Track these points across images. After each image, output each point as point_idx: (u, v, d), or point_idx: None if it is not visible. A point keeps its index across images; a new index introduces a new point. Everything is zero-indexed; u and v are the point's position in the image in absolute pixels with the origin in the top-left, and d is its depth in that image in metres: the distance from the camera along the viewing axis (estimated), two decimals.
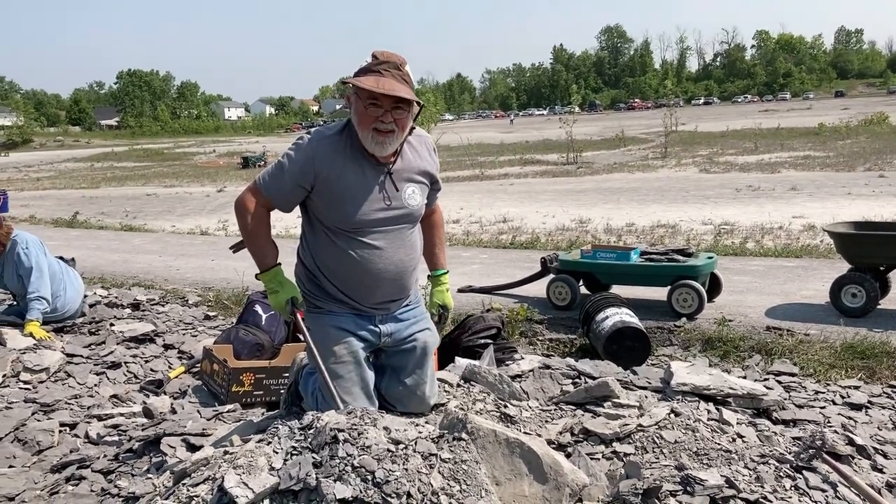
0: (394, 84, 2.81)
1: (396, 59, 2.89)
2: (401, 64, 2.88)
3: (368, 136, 2.89)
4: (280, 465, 2.40)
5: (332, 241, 3.04)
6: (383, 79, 2.82)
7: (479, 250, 10.73)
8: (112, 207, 20.09)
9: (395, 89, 2.80)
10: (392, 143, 2.94)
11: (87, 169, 43.44)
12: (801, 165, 20.97)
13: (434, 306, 3.44)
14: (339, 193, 2.96)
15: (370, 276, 3.05)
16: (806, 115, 51.64)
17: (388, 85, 2.80)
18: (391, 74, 2.84)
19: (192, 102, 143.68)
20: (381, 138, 2.89)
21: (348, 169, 2.96)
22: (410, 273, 3.20)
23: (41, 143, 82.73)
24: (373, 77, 2.82)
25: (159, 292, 8.22)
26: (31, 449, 4.11)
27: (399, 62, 2.88)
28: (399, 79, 2.85)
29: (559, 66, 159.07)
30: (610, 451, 3.07)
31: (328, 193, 2.98)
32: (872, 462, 3.12)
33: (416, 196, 3.11)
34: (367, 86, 2.79)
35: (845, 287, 6.18)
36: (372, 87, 2.78)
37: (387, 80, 2.82)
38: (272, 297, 3.07)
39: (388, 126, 2.87)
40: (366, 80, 2.82)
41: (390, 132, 2.89)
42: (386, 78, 2.82)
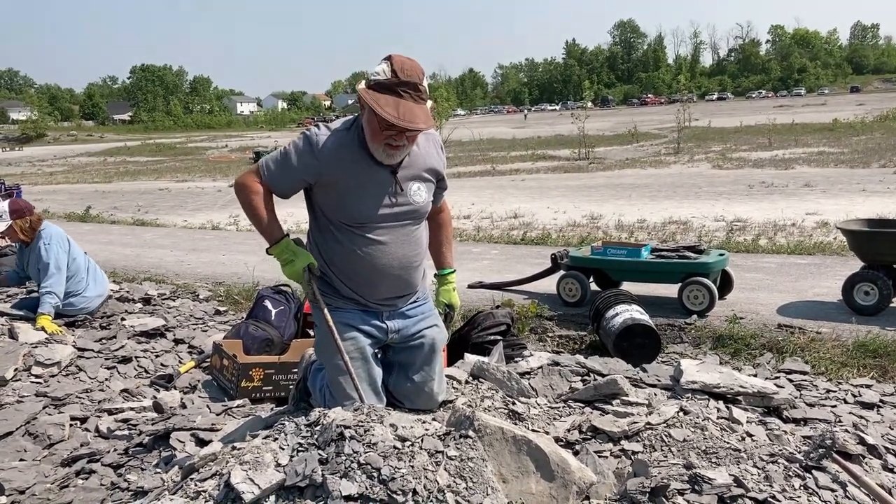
0: (414, 112, 2.74)
1: (416, 78, 2.78)
2: (420, 82, 2.79)
3: (379, 149, 2.87)
4: (286, 462, 2.40)
5: (337, 237, 3.03)
6: (403, 104, 2.73)
7: (489, 246, 10.72)
8: (124, 202, 20.20)
9: (414, 120, 2.73)
10: (402, 154, 2.93)
11: (99, 163, 43.72)
12: (815, 162, 20.82)
13: (440, 305, 3.42)
14: (344, 189, 2.95)
15: (376, 271, 3.04)
16: (821, 111, 51.26)
17: (408, 115, 2.72)
18: (410, 97, 2.76)
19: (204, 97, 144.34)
20: (392, 152, 2.88)
21: (355, 165, 2.94)
22: (416, 269, 3.19)
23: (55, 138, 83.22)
24: (392, 101, 2.73)
25: (170, 287, 8.25)
26: (42, 443, 4.14)
27: (418, 81, 2.78)
28: (418, 100, 2.78)
29: (572, 62, 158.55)
30: (618, 449, 3.05)
31: (333, 189, 2.96)
32: (883, 462, 3.09)
33: (422, 193, 3.09)
34: (387, 116, 2.70)
35: (858, 285, 6.14)
36: (392, 118, 2.70)
37: (406, 108, 2.73)
38: (287, 267, 2.99)
39: (400, 142, 2.85)
40: (385, 104, 2.72)
41: (402, 146, 2.88)
42: (405, 102, 2.74)
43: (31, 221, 5.96)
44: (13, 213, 5.94)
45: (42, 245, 5.85)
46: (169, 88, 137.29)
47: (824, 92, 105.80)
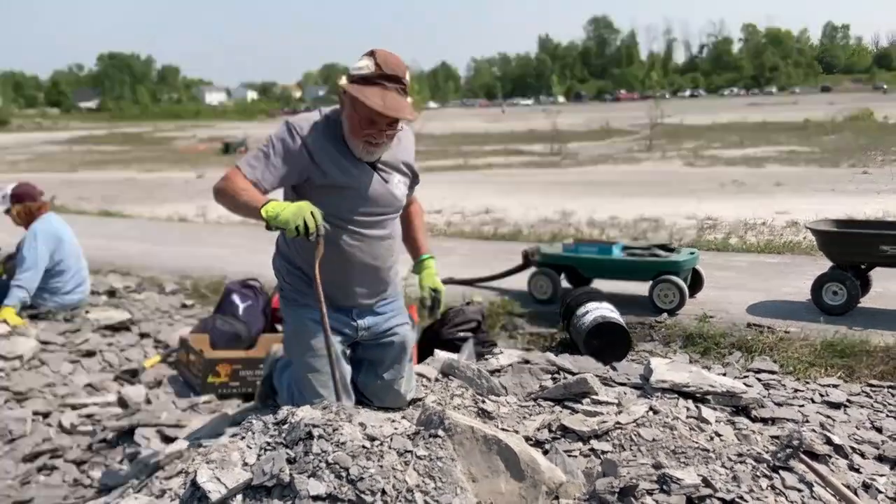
0: (399, 102, 2.74)
1: (400, 71, 2.78)
2: (403, 75, 2.79)
3: (359, 145, 2.84)
4: (253, 461, 2.36)
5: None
6: (388, 94, 2.73)
7: (460, 241, 10.70)
8: (90, 192, 19.89)
9: (400, 109, 2.73)
10: (381, 151, 2.91)
11: (65, 152, 42.96)
12: (786, 160, 21.07)
13: (426, 290, 3.33)
14: (327, 183, 2.90)
15: (350, 267, 3.00)
16: (792, 110, 51.86)
17: (393, 104, 2.72)
18: (395, 89, 2.75)
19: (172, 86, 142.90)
20: (372, 149, 2.86)
21: (335, 158, 2.90)
22: (390, 266, 3.17)
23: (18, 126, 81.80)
24: (378, 91, 2.72)
25: (136, 279, 8.14)
26: (4, 437, 4.06)
27: (402, 74, 2.78)
28: (402, 92, 2.78)
29: (545, 56, 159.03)
30: (587, 449, 3.04)
31: (315, 183, 2.91)
32: (849, 462, 3.12)
33: (401, 186, 3.08)
34: (373, 105, 2.69)
35: (826, 285, 6.20)
36: (378, 107, 2.69)
37: (391, 98, 2.73)
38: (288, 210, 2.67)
39: (380, 140, 2.83)
40: (371, 94, 2.70)
41: (381, 144, 2.86)
42: (390, 93, 2.73)
43: (29, 208, 5.87)
44: (13, 196, 5.89)
45: (28, 238, 5.74)
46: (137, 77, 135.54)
47: (795, 91, 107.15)
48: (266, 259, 3.12)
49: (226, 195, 2.82)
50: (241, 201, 2.77)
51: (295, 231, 2.64)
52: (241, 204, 2.78)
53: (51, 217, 6.01)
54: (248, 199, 2.75)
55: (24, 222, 5.89)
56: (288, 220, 2.64)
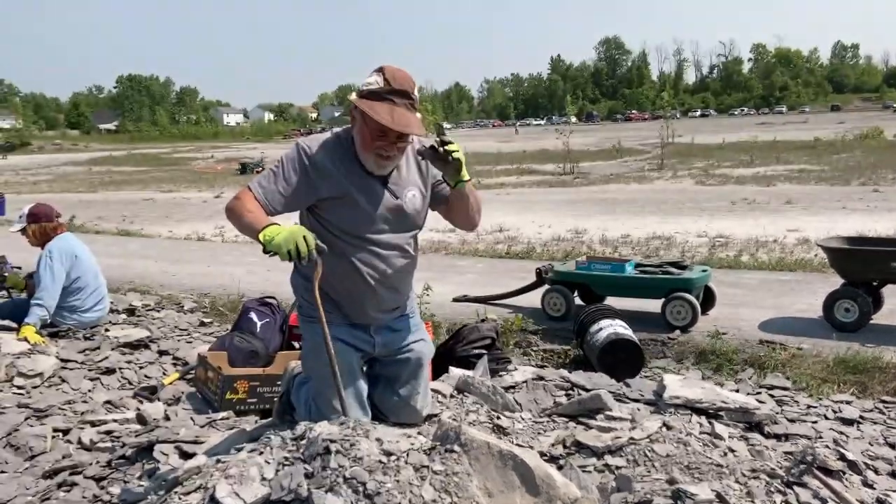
0: (408, 118, 2.77)
1: (408, 86, 2.82)
2: (412, 91, 2.83)
3: (370, 158, 2.89)
4: (272, 476, 2.40)
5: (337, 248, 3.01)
6: (397, 110, 2.76)
7: (474, 259, 10.75)
8: (109, 212, 20.09)
9: (408, 125, 2.76)
10: (392, 164, 2.94)
11: (84, 173, 43.41)
12: (796, 179, 21.02)
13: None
14: (339, 201, 2.95)
15: (364, 283, 3.03)
16: (802, 129, 51.76)
17: (402, 120, 2.75)
18: (404, 105, 2.79)
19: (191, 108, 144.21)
20: (383, 161, 2.89)
21: (349, 176, 2.94)
22: (406, 282, 3.21)
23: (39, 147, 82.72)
24: (386, 107, 2.75)
25: (155, 298, 8.22)
26: (24, 454, 4.10)
27: (410, 89, 2.82)
28: (410, 108, 2.81)
29: (556, 77, 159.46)
30: (602, 464, 3.07)
31: (327, 201, 2.96)
32: (863, 478, 3.13)
33: (417, 200, 3.08)
34: (381, 120, 2.73)
35: (838, 301, 6.21)
36: (387, 122, 2.73)
37: (400, 113, 2.76)
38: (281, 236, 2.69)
39: (391, 152, 2.87)
40: (380, 109, 2.75)
41: (392, 157, 2.90)
42: (399, 108, 2.77)
43: (45, 228, 5.95)
44: (29, 215, 5.96)
45: (44, 257, 5.82)
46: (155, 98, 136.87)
47: (805, 110, 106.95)
48: (282, 277, 3.18)
49: (234, 215, 2.88)
50: (245, 222, 2.83)
51: (287, 255, 2.68)
52: (245, 225, 2.83)
53: (66, 236, 6.09)
54: (251, 221, 2.80)
55: (39, 242, 5.96)
56: (280, 244, 2.68)
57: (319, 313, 2.86)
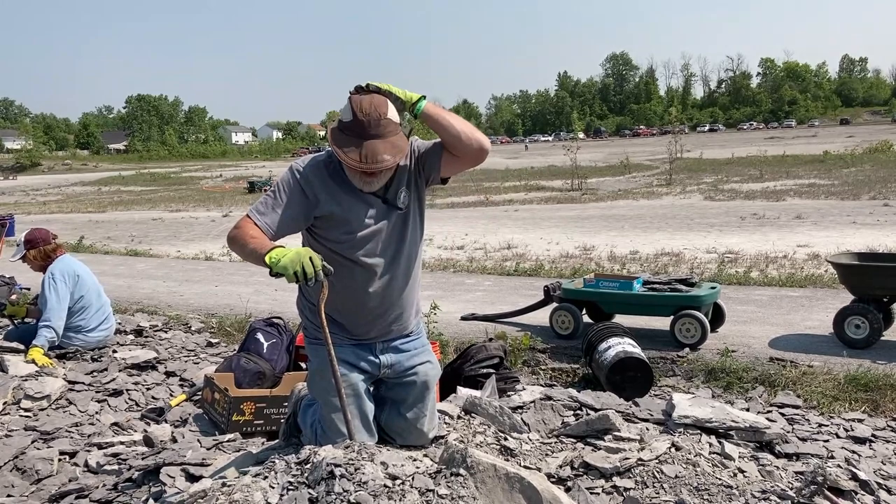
0: (376, 151, 2.73)
1: (376, 114, 2.77)
2: (381, 118, 2.77)
3: (356, 178, 2.89)
4: (276, 501, 2.39)
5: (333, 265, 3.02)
6: (366, 145, 2.73)
7: (482, 277, 10.74)
8: (118, 232, 20.18)
9: (377, 160, 2.73)
10: (381, 181, 2.93)
11: (93, 193, 43.76)
12: (806, 193, 20.98)
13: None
14: (336, 218, 2.96)
15: (365, 300, 3.04)
16: (811, 143, 51.76)
17: (370, 156, 2.72)
18: (373, 135, 2.75)
19: (199, 127, 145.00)
20: (370, 179, 2.88)
21: (336, 192, 2.96)
22: (409, 300, 3.19)
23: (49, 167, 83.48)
24: (354, 150, 2.74)
25: (162, 318, 8.23)
26: (30, 478, 4.10)
27: (379, 116, 2.77)
28: (382, 135, 2.76)
29: (564, 93, 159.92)
30: (610, 486, 3.04)
31: (324, 219, 2.98)
32: (875, 498, 3.09)
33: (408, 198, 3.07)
34: (351, 164, 2.77)
35: (849, 318, 6.16)
36: (356, 165, 2.75)
37: (370, 148, 2.73)
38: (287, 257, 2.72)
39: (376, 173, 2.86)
40: (348, 150, 2.75)
41: (377, 174, 2.87)
42: (368, 142, 2.74)
43: (45, 251, 5.99)
44: (26, 243, 6.01)
45: (47, 280, 5.85)
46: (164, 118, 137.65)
47: (814, 124, 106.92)
48: (289, 297, 3.18)
49: (236, 243, 2.89)
50: (249, 249, 2.84)
51: (294, 277, 2.69)
52: (249, 252, 2.84)
53: (66, 257, 6.13)
54: (255, 246, 2.81)
55: (40, 266, 6.00)
56: (286, 266, 2.69)
57: (324, 334, 2.86)
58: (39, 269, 6.01)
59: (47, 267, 5.94)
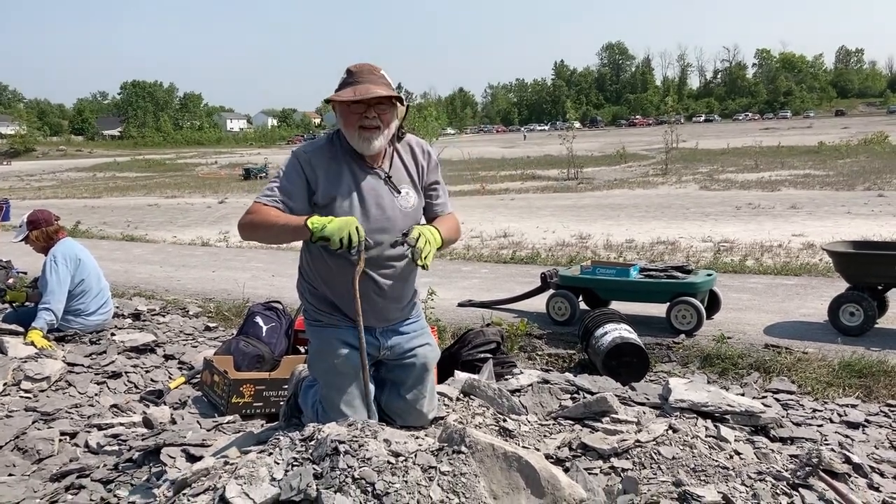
0: (370, 87, 2.91)
1: (369, 66, 3.00)
2: (373, 69, 2.99)
3: (355, 135, 2.97)
4: (281, 476, 2.41)
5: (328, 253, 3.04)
6: (360, 86, 2.91)
7: (479, 265, 10.76)
8: (114, 217, 20.15)
9: (371, 91, 2.89)
10: (378, 139, 2.99)
11: (89, 178, 43.58)
12: (801, 184, 21.02)
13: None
14: (336, 197, 3.00)
15: (366, 286, 3.05)
16: (806, 134, 51.78)
17: (363, 90, 2.90)
18: (366, 79, 2.93)
19: (194, 113, 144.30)
20: (368, 134, 2.96)
21: (343, 173, 3.02)
22: (408, 285, 3.22)
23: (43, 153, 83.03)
24: (349, 88, 2.93)
25: (160, 303, 8.24)
26: (31, 457, 4.12)
27: (371, 68, 2.99)
28: (375, 81, 2.95)
29: (560, 82, 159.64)
30: (608, 467, 3.08)
31: (323, 199, 3.01)
32: (869, 481, 3.13)
33: (411, 198, 3.13)
34: (345, 98, 2.90)
35: (843, 306, 6.21)
36: (349, 97, 2.90)
37: (362, 86, 2.91)
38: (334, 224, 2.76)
39: (373, 122, 2.94)
40: (343, 93, 2.93)
41: (375, 128, 2.96)
42: (362, 84, 2.92)
43: (47, 232, 6.00)
44: (29, 223, 6.02)
45: (48, 262, 5.86)
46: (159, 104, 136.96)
47: (810, 115, 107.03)
48: (287, 282, 3.21)
49: (259, 226, 2.92)
50: (279, 226, 2.88)
51: (339, 244, 2.74)
52: (280, 229, 2.88)
53: (67, 240, 6.14)
54: (287, 221, 2.87)
55: (42, 247, 6.01)
56: (333, 232, 2.75)
57: (356, 306, 2.91)
58: (41, 251, 6.02)
59: (49, 248, 5.95)
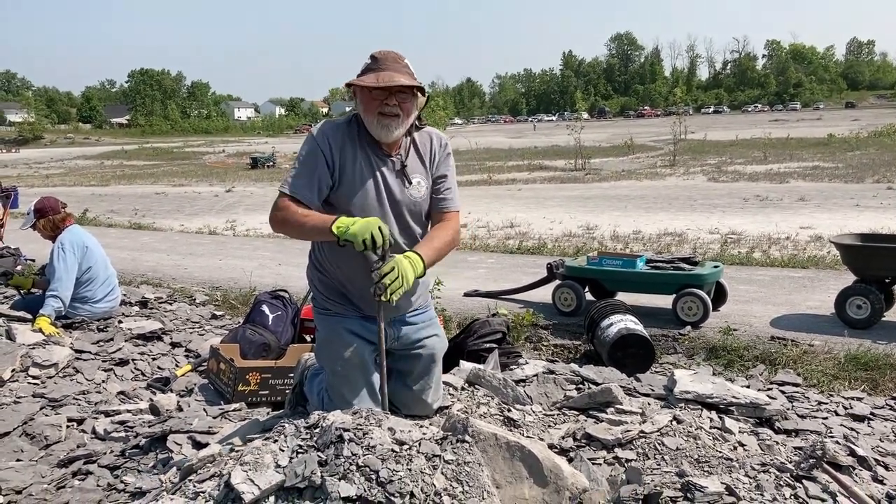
0: (392, 75, 2.89)
1: (394, 54, 2.98)
2: (397, 57, 2.98)
3: (374, 122, 2.95)
4: (286, 463, 2.43)
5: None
6: (383, 73, 2.90)
7: (485, 255, 10.76)
8: (121, 205, 20.21)
9: (394, 79, 2.88)
10: (397, 127, 2.97)
11: (96, 166, 43.70)
12: (809, 176, 20.94)
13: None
14: (348, 180, 3.00)
15: None
16: (816, 126, 51.53)
17: (386, 77, 2.88)
18: (389, 67, 2.92)
19: (202, 102, 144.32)
20: (387, 121, 2.93)
21: (357, 157, 3.00)
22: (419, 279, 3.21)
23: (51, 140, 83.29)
24: (372, 74, 2.91)
25: (167, 291, 8.27)
26: (39, 443, 4.15)
27: (396, 56, 2.98)
28: (399, 69, 2.93)
29: (569, 73, 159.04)
30: (612, 457, 3.08)
31: (340, 178, 3.00)
32: (873, 473, 3.13)
33: (422, 188, 3.11)
34: (367, 83, 2.88)
35: (850, 298, 6.19)
36: (371, 83, 2.88)
37: (385, 73, 2.89)
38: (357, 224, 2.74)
39: (393, 110, 2.92)
40: (366, 78, 2.91)
41: (395, 116, 2.93)
42: (385, 71, 2.90)
43: (54, 220, 6.02)
44: (36, 211, 6.04)
45: (56, 249, 5.88)
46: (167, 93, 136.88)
47: (819, 107, 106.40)
48: (293, 271, 3.21)
49: (289, 224, 2.92)
50: (309, 226, 2.88)
51: (363, 245, 2.73)
52: (310, 228, 2.88)
53: (75, 227, 6.15)
54: (316, 221, 2.86)
55: (49, 235, 6.03)
56: (356, 233, 2.73)
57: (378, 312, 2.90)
58: (49, 238, 6.05)
59: (57, 236, 5.97)
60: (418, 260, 2.89)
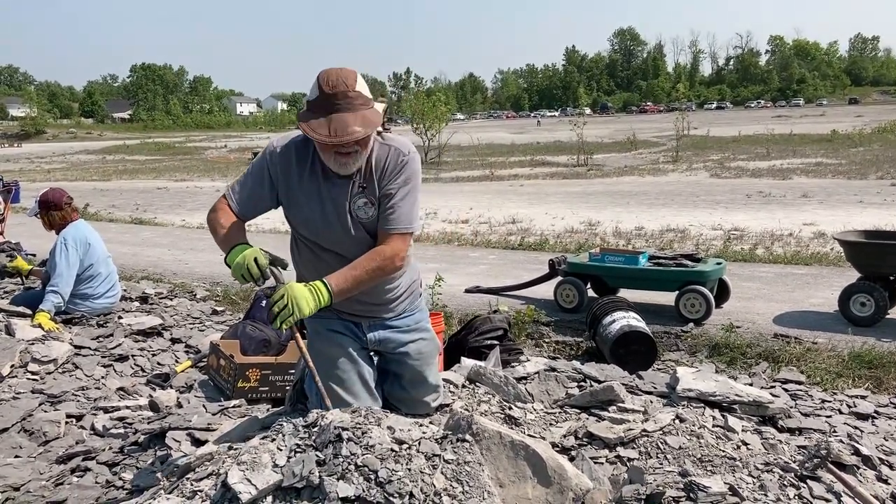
0: (346, 123, 2.67)
1: (342, 87, 2.70)
2: (348, 90, 2.70)
3: (331, 159, 2.80)
4: (284, 463, 2.40)
5: (303, 248, 3.06)
6: (335, 118, 2.67)
7: (487, 251, 10.74)
8: (123, 200, 20.21)
9: (346, 132, 2.66)
10: (355, 162, 2.82)
11: (98, 161, 43.72)
12: (812, 172, 20.88)
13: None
14: (295, 201, 2.95)
15: None
16: (819, 122, 51.40)
17: (340, 129, 2.66)
18: (342, 107, 2.68)
19: (204, 97, 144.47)
20: (344, 160, 2.79)
21: (304, 178, 2.92)
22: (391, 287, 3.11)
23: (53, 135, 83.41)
24: (324, 120, 2.67)
25: (167, 286, 8.26)
26: (38, 439, 4.13)
27: (347, 88, 2.70)
28: (351, 108, 2.70)
29: (571, 68, 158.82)
30: (614, 456, 3.06)
31: (287, 200, 2.96)
32: (878, 473, 3.10)
33: (369, 207, 2.94)
34: (319, 138, 2.68)
35: (854, 296, 6.16)
36: (324, 138, 2.67)
37: (339, 121, 2.67)
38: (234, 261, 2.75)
39: (350, 149, 2.77)
40: (317, 126, 2.68)
41: (353, 153, 2.79)
42: (337, 115, 2.67)
43: (55, 217, 6.00)
44: (40, 204, 6.02)
45: (59, 245, 5.86)
46: (169, 88, 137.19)
47: (823, 103, 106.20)
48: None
49: (211, 229, 2.95)
50: (217, 240, 2.92)
51: (242, 279, 2.75)
52: (218, 243, 2.92)
53: (79, 223, 6.13)
54: (220, 241, 2.89)
55: (53, 227, 6.01)
56: (233, 270, 2.77)
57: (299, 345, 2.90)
58: (54, 230, 6.03)
59: (60, 229, 5.96)
60: (322, 288, 2.77)
